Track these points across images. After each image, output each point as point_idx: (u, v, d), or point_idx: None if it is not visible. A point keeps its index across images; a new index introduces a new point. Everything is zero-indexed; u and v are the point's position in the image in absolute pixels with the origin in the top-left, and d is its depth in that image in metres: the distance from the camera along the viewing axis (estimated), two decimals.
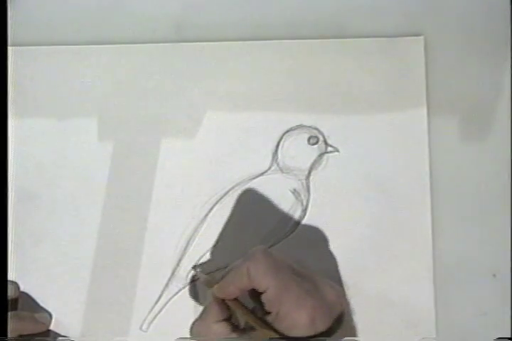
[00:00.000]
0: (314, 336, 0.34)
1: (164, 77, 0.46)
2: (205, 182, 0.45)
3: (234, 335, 0.36)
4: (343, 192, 0.44)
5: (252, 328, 0.36)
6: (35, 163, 0.46)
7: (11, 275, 0.44)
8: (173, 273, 0.44)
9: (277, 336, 0.34)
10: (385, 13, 0.46)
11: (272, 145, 0.45)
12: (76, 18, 0.47)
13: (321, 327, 0.34)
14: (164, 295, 0.44)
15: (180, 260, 0.44)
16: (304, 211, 0.44)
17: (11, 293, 0.43)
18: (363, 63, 0.46)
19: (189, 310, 0.44)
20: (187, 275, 0.44)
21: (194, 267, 0.43)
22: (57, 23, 0.47)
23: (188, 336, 0.43)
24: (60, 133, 0.46)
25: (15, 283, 0.44)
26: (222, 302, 0.37)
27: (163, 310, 0.44)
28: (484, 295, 0.44)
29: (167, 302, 0.44)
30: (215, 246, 0.44)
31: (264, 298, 0.35)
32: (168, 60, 0.46)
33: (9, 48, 0.45)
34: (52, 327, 0.44)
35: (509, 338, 0.42)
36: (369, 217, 0.44)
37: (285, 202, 0.44)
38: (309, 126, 0.45)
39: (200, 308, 0.41)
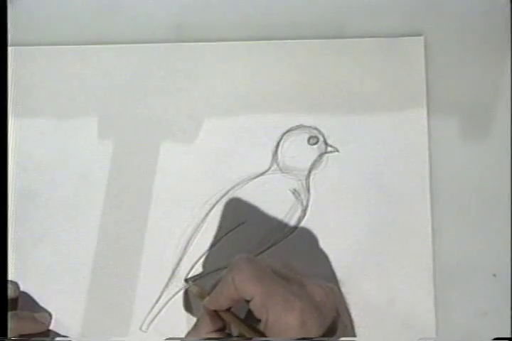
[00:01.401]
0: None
1: (164, 77, 0.46)
2: (205, 182, 0.45)
3: None
4: (343, 192, 0.44)
5: (246, 338, 0.36)
6: (35, 163, 0.46)
7: (11, 276, 0.44)
8: (173, 273, 0.44)
9: None
10: (385, 13, 0.46)
11: (271, 145, 0.45)
12: (76, 18, 0.47)
13: (314, 329, 0.33)
14: (164, 295, 0.44)
15: (180, 260, 0.44)
16: (304, 211, 0.44)
17: (11, 293, 0.43)
18: (363, 63, 0.46)
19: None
20: (187, 275, 0.44)
21: (186, 280, 0.43)
22: (57, 23, 0.47)
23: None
24: (60, 133, 0.46)
25: (15, 283, 0.44)
26: (215, 314, 0.37)
27: (163, 310, 0.44)
28: (484, 295, 0.44)
29: (167, 302, 0.44)
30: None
31: (251, 306, 0.35)
32: (168, 60, 0.46)
33: (9, 48, 0.45)
34: (52, 327, 0.44)
35: (509, 338, 0.42)
36: (369, 216, 0.44)
37: (285, 202, 0.44)
38: (309, 126, 0.45)
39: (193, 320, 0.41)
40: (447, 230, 0.44)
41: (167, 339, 0.40)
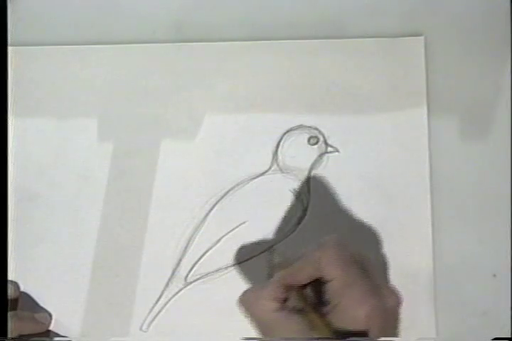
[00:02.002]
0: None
1: (164, 77, 0.46)
2: (205, 182, 0.45)
3: (277, 315, 0.35)
4: (343, 192, 0.44)
5: (303, 313, 0.35)
6: (35, 163, 0.46)
7: (11, 275, 0.44)
8: (173, 273, 0.44)
9: (324, 327, 0.33)
10: (385, 13, 0.46)
11: (272, 146, 0.45)
12: (76, 18, 0.47)
13: (375, 330, 0.33)
14: (164, 295, 0.44)
15: (180, 260, 0.44)
16: (304, 211, 0.44)
17: (11, 293, 0.43)
18: (363, 63, 0.46)
19: (189, 310, 0.44)
20: (187, 275, 0.44)
21: (271, 249, 0.43)
22: (57, 23, 0.47)
23: (189, 336, 0.43)
24: (60, 133, 0.46)
25: (15, 283, 0.44)
26: (285, 286, 0.36)
27: (163, 310, 0.44)
28: (484, 295, 0.44)
29: (167, 302, 0.44)
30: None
31: (328, 287, 0.34)
32: (168, 60, 0.46)
33: (9, 48, 0.45)
34: (52, 327, 0.44)
35: (509, 338, 0.42)
36: (369, 216, 0.44)
37: (285, 202, 0.44)
38: (309, 127, 0.45)
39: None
40: (447, 230, 0.44)
41: (243, 338, 0.39)
